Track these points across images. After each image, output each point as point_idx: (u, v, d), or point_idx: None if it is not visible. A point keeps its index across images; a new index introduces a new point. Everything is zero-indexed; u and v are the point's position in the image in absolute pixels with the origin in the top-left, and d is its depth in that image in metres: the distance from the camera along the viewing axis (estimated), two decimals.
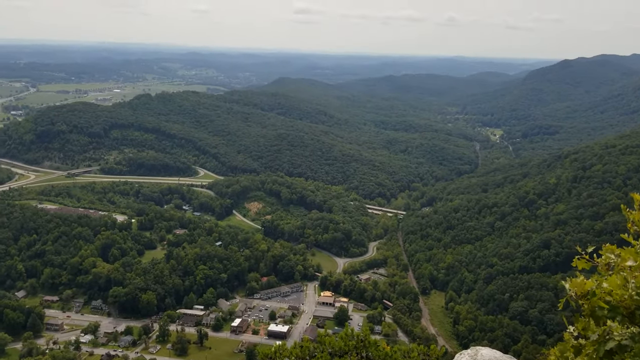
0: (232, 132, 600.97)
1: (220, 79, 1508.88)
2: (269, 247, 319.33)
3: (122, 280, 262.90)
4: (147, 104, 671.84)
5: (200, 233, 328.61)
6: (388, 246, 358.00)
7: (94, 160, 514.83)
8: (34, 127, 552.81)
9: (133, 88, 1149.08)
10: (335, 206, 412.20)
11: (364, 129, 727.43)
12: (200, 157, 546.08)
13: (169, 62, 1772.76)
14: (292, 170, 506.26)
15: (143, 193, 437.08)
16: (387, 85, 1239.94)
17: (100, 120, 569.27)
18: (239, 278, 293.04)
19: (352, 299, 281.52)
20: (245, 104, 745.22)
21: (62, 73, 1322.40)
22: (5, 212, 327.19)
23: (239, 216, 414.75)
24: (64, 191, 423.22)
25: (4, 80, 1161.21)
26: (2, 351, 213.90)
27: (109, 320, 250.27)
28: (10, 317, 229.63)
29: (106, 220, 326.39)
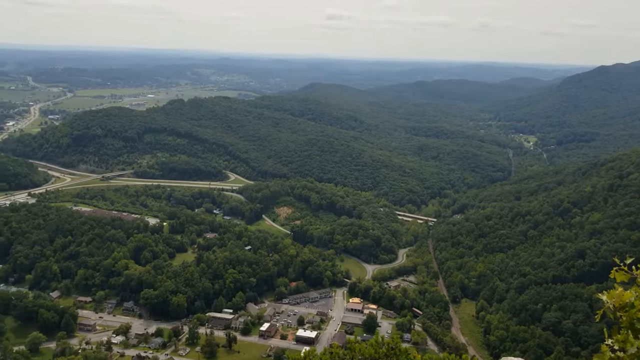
0: (263, 137, 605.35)
1: (251, 84, 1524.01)
2: (298, 252, 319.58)
3: (153, 283, 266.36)
4: (180, 109, 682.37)
5: (230, 237, 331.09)
6: (418, 253, 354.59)
7: (127, 164, 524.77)
8: (70, 131, 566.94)
9: (166, 93, 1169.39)
10: (364, 212, 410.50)
11: (394, 135, 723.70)
12: (231, 162, 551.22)
13: (202, 68, 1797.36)
14: (322, 176, 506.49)
15: (175, 197, 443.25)
16: (419, 91, 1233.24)
17: (134, 125, 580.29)
18: (268, 282, 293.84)
19: (381, 306, 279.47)
20: (276, 110, 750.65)
21: (99, 79, 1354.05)
22: (41, 214, 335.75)
23: (268, 221, 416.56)
24: (99, 194, 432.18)
25: (43, 86, 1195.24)
26: (37, 350, 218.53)
27: (140, 321, 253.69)
28: (45, 317, 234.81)
29: (139, 223, 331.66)
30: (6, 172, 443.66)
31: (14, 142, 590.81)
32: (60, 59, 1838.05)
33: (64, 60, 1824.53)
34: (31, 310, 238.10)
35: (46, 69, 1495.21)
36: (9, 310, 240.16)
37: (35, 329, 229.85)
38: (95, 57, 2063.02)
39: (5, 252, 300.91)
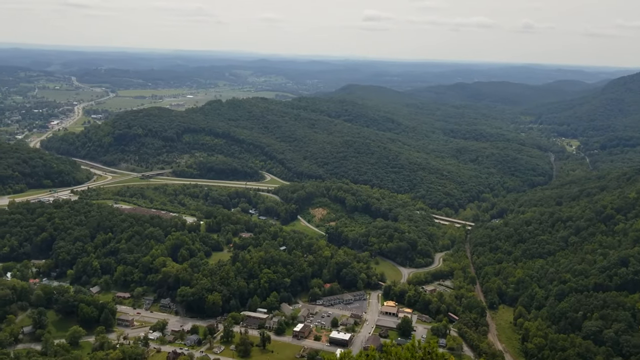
0: (299, 138, 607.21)
1: (288, 85, 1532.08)
2: (333, 254, 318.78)
3: (190, 281, 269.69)
4: (218, 110, 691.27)
5: (266, 237, 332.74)
6: (455, 258, 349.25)
7: (166, 163, 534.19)
8: (112, 130, 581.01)
9: (205, 94, 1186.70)
10: (400, 215, 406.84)
11: (432, 137, 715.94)
12: (267, 162, 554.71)
13: (240, 69, 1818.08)
14: (358, 178, 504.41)
15: (212, 196, 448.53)
16: (458, 93, 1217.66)
17: (173, 125, 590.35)
18: (302, 283, 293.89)
19: (416, 310, 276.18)
20: (313, 111, 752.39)
21: (140, 79, 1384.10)
22: (83, 210, 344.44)
23: (303, 222, 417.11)
24: (138, 192, 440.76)
25: (86, 86, 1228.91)
26: (77, 344, 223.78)
27: (177, 318, 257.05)
28: (85, 312, 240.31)
29: (176, 222, 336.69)
30: (50, 169, 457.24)
31: (58, 141, 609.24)
32: (103, 60, 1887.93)
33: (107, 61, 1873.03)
34: (72, 305, 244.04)
35: (90, 69, 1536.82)
36: (50, 304, 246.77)
37: (75, 323, 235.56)
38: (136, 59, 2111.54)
39: (48, 248, 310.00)
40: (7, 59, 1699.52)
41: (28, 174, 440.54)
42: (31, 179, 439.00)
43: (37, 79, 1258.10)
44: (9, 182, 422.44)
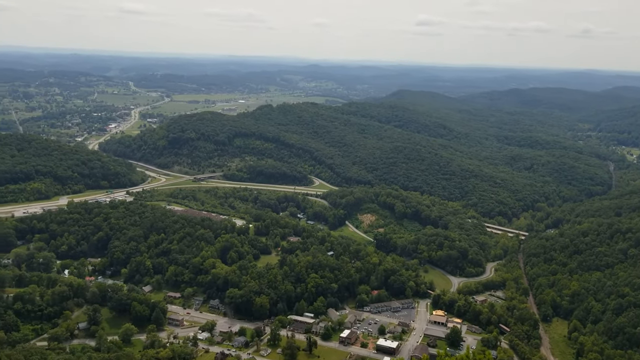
0: (348, 144, 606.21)
1: (338, 90, 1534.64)
2: (381, 261, 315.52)
3: (238, 283, 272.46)
4: (269, 115, 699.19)
5: (313, 242, 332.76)
6: (507, 268, 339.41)
7: (217, 167, 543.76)
8: (166, 134, 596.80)
9: (256, 99, 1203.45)
10: (451, 223, 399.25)
11: (485, 144, 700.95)
12: (316, 167, 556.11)
13: (291, 74, 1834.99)
14: (408, 184, 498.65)
15: (261, 200, 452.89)
16: (513, 99, 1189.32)
17: (225, 129, 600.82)
18: (349, 289, 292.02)
19: (465, 320, 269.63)
20: (363, 116, 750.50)
21: (194, 84, 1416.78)
22: (137, 211, 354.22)
23: (351, 227, 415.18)
24: (190, 194, 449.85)
25: (142, 90, 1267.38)
26: (129, 341, 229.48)
27: (225, 320, 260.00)
28: (137, 310, 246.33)
29: (226, 224, 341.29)
30: (108, 171, 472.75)
31: (116, 143, 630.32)
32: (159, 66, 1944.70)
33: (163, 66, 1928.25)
34: (125, 303, 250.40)
35: (146, 74, 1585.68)
36: (105, 302, 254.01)
37: (127, 320, 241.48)
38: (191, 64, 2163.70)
39: (104, 247, 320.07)
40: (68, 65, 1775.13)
41: (86, 175, 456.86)
42: (89, 180, 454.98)
43: (96, 83, 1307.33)
44: (68, 182, 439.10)
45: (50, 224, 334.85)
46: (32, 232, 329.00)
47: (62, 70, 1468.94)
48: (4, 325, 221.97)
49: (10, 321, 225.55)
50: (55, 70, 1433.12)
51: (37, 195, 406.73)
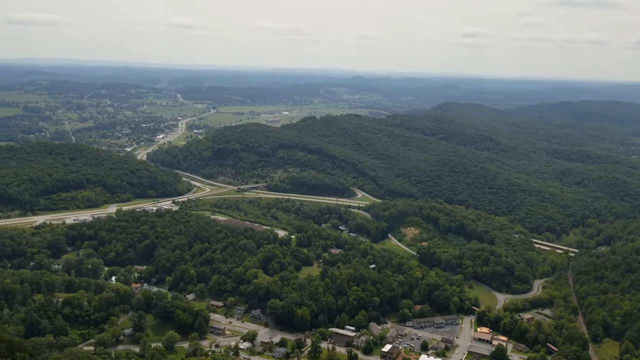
0: (392, 156, 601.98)
1: (382, 102, 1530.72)
2: (424, 275, 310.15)
3: (280, 293, 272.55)
4: (312, 126, 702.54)
5: (355, 254, 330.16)
6: (555, 285, 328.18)
7: (261, 177, 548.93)
8: (211, 144, 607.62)
9: (300, 111, 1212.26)
10: (497, 238, 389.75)
11: (533, 158, 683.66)
12: (359, 179, 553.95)
13: (335, 87, 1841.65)
14: (452, 197, 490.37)
15: (303, 211, 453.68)
16: (562, 112, 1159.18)
17: (269, 141, 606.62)
18: (392, 303, 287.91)
19: (511, 338, 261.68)
20: (407, 128, 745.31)
21: (239, 96, 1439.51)
22: (183, 220, 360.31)
23: (394, 240, 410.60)
24: (234, 205, 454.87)
25: (189, 102, 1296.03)
26: (172, 348, 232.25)
27: (266, 330, 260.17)
28: (181, 318, 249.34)
29: (269, 235, 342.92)
30: (155, 180, 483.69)
31: (163, 154, 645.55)
32: (206, 78, 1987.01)
33: (209, 78, 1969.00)
34: (169, 310, 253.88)
35: (193, 87, 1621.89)
36: (150, 309, 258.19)
37: (171, 328, 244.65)
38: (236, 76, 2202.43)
39: (149, 254, 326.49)
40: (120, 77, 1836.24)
41: (135, 184, 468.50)
42: (137, 189, 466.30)
43: (146, 95, 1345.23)
44: (117, 191, 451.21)
45: (99, 231, 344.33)
46: (82, 239, 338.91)
47: (113, 82, 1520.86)
48: (53, 329, 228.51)
49: (59, 325, 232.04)
50: (107, 83, 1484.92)
51: (88, 203, 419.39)
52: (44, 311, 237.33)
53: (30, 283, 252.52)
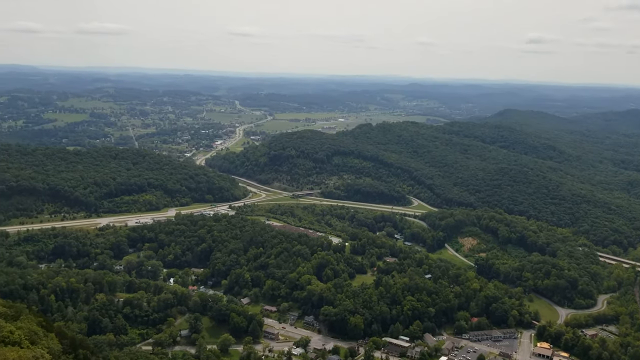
0: (450, 164, 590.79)
1: (440, 110, 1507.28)
2: (482, 287, 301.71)
3: (333, 301, 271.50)
4: (368, 133, 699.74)
5: (410, 263, 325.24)
6: (622, 301, 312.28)
7: (315, 184, 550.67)
8: (268, 151, 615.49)
9: (356, 117, 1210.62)
10: (559, 250, 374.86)
11: (599, 168, 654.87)
12: (415, 187, 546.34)
13: (392, 94, 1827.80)
14: (513, 208, 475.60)
15: (357, 218, 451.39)
16: (631, 120, 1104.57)
17: (324, 147, 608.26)
18: (447, 315, 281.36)
19: (573, 354, 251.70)
20: (466, 136, 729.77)
21: (295, 103, 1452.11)
22: (238, 225, 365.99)
23: (450, 250, 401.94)
24: (288, 210, 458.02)
25: (247, 109, 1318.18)
26: (226, 351, 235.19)
27: (319, 337, 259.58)
28: (235, 321, 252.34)
29: (322, 241, 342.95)
30: (213, 185, 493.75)
31: (221, 159, 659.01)
32: (263, 85, 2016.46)
33: (267, 86, 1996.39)
34: (224, 313, 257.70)
35: (251, 94, 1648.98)
36: (205, 311, 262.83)
37: (226, 330, 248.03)
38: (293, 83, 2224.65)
39: (206, 258, 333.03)
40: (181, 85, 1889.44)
41: (193, 189, 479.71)
42: (195, 194, 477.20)
43: (205, 102, 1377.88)
44: (176, 195, 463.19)
45: (159, 234, 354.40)
46: (143, 241, 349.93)
47: (175, 90, 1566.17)
48: (114, 328, 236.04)
49: (119, 324, 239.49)
50: (169, 90, 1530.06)
51: (149, 207, 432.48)
52: (106, 310, 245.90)
53: (94, 283, 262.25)
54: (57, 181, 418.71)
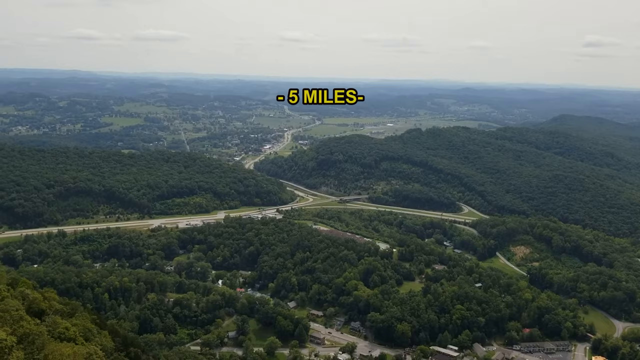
0: (502, 170, 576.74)
1: (493, 115, 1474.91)
2: (534, 297, 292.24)
3: (380, 307, 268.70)
4: (417, 138, 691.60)
5: (460, 271, 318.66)
6: None
7: (363, 189, 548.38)
8: (315, 155, 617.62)
9: (405, 122, 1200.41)
10: (617, 261, 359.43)
11: None
12: (465, 194, 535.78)
13: (442, 98, 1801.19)
14: (568, 216, 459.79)
15: (406, 224, 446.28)
16: None
17: (372, 152, 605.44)
18: (498, 325, 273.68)
19: None
20: (519, 142, 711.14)
21: (344, 108, 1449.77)
22: (286, 229, 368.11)
23: (502, 259, 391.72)
24: (335, 215, 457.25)
25: (296, 114, 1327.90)
26: (272, 354, 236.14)
27: (365, 343, 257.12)
28: (282, 325, 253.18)
29: (370, 247, 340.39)
30: (261, 189, 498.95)
31: (269, 163, 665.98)
32: None
33: None
34: (271, 316, 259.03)
35: None
36: (253, 313, 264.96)
37: (272, 333, 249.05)
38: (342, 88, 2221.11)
39: (254, 261, 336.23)
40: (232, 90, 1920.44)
41: (242, 192, 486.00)
42: (244, 197, 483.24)
43: (255, 107, 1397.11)
44: (226, 198, 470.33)
45: (208, 236, 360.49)
46: (193, 243, 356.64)
47: (225, 95, 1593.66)
48: (164, 327, 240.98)
49: (169, 324, 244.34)
50: (220, 95, 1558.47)
51: (199, 209, 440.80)
52: (156, 310, 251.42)
53: (145, 282, 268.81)
54: (113, 183, 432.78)
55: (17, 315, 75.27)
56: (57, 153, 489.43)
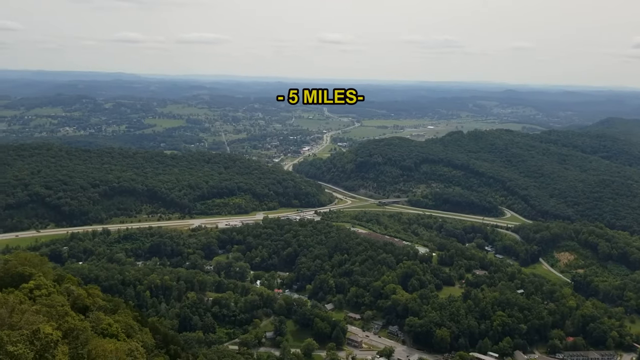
0: (546, 174, 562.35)
1: (537, 117, 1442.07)
2: (579, 305, 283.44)
3: (419, 312, 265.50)
4: (458, 141, 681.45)
5: (501, 277, 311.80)
6: None
7: (402, 192, 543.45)
8: (354, 157, 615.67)
9: (446, 125, 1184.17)
10: None
11: None
12: (508, 198, 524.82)
13: (485, 100, 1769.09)
14: (615, 222, 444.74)
15: (446, 228, 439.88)
16: None
17: (412, 155, 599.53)
18: (540, 332, 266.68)
19: None
20: (564, 145, 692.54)
21: (384, 110, 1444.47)
22: (324, 231, 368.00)
23: (545, 265, 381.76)
24: (374, 218, 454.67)
25: (335, 116, 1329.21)
26: (309, 355, 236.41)
27: (403, 347, 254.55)
28: (319, 326, 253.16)
29: (408, 250, 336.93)
30: (299, 191, 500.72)
31: (308, 165, 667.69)
32: None
33: None
34: (308, 318, 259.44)
35: None
36: (290, 314, 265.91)
37: (309, 335, 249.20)
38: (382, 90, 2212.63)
39: (292, 262, 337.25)
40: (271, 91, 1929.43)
41: (281, 194, 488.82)
42: (283, 198, 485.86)
43: (294, 108, 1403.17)
44: (265, 199, 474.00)
45: (247, 236, 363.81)
46: (232, 243, 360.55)
47: (265, 96, 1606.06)
48: (203, 326, 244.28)
49: (208, 323, 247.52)
50: (260, 97, 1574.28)
51: (238, 210, 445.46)
52: (196, 308, 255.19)
53: (185, 281, 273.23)
54: (155, 183, 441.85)
55: (63, 310, 77.20)
56: (103, 153, 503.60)
